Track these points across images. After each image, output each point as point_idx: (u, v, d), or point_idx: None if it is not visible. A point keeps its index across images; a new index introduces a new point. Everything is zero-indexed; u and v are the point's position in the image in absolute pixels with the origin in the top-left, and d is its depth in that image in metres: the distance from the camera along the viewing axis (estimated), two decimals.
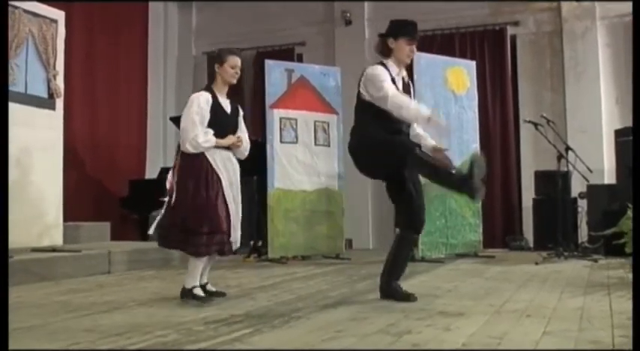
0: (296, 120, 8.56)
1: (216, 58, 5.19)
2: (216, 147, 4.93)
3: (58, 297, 5.19)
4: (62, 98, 7.44)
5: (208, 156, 4.90)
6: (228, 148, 5.03)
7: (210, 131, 4.89)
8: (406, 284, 5.63)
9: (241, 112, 5.28)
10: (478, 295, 5.14)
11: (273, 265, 7.89)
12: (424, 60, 8.53)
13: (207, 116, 4.91)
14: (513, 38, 11.10)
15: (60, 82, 7.39)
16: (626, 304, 4.50)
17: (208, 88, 5.08)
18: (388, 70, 4.89)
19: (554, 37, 10.88)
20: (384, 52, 5.02)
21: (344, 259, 8.53)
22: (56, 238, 7.36)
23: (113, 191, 10.57)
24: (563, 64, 10.72)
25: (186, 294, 4.85)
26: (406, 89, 5.01)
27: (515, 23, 11.07)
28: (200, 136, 4.83)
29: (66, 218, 7.89)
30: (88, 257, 6.92)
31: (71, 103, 9.29)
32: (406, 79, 5.08)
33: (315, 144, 8.67)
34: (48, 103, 7.12)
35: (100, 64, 10.87)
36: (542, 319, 3.97)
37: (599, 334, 3.50)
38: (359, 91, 4.95)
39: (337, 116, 8.84)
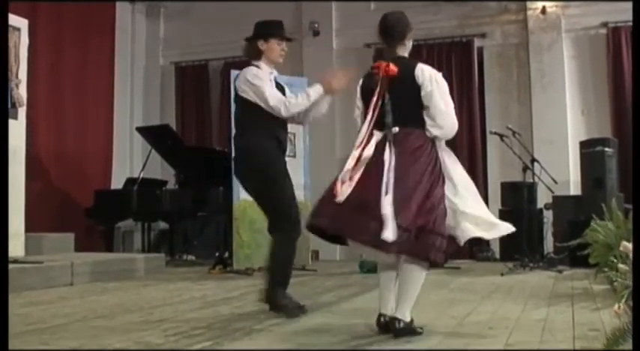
0: None
1: None
2: None
3: (18, 309, 5.09)
4: (25, 107, 7.34)
5: None
6: None
7: None
8: (370, 295, 5.65)
9: None
10: (442, 306, 5.12)
11: (239, 277, 7.83)
12: None
13: None
14: (480, 50, 11.16)
15: (23, 91, 7.30)
16: (589, 315, 4.52)
17: None
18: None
19: (521, 49, 10.96)
20: (254, 55, 5.02)
21: (310, 270, 8.48)
22: (17, 248, 7.25)
23: (78, 202, 10.43)
24: (529, 76, 10.78)
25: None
26: (280, 89, 4.99)
27: (482, 35, 11.13)
28: None
29: (29, 229, 7.78)
30: (51, 269, 6.81)
31: (36, 113, 9.18)
32: (278, 79, 5.05)
33: None
34: (10, 112, 7.02)
35: (66, 73, 10.74)
36: (505, 331, 3.96)
37: (560, 346, 3.50)
38: (238, 90, 4.91)
39: (303, 127, 8.78)
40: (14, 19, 7.22)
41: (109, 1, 11.86)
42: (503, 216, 9.62)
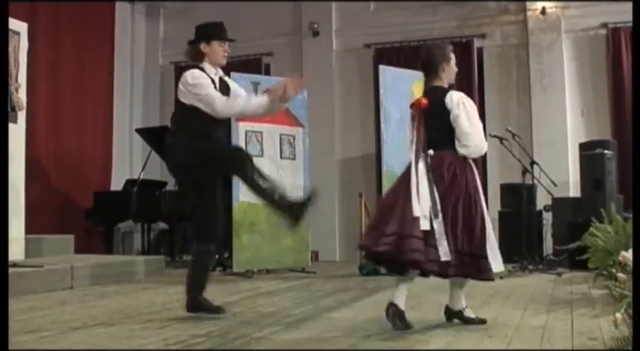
0: (261, 133, 8.51)
1: None
2: None
3: (18, 315, 5.09)
4: (24, 111, 7.35)
5: None
6: None
7: None
8: (370, 300, 5.65)
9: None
10: (442, 312, 5.11)
11: (239, 279, 7.84)
12: (390, 74, 8.53)
13: None
14: (480, 51, 11.16)
15: (22, 95, 7.30)
16: (588, 323, 4.53)
17: None
18: (206, 73, 4.93)
19: (521, 50, 10.96)
20: (197, 57, 5.06)
21: (309, 272, 8.49)
22: (17, 252, 7.25)
23: (78, 203, 10.44)
24: (529, 77, 10.79)
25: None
26: (225, 87, 5.05)
27: (482, 36, 11.13)
28: None
29: (29, 230, 7.77)
30: (50, 272, 6.81)
31: (35, 115, 9.19)
32: (224, 77, 5.12)
33: (281, 157, 8.64)
34: (10, 116, 7.01)
35: (66, 75, 10.74)
36: (504, 340, 3.97)
37: None
38: (178, 93, 4.93)
39: (303, 129, 8.82)
40: (14, 23, 7.21)
41: (108, 2, 11.85)
42: (503, 217, 9.76)
